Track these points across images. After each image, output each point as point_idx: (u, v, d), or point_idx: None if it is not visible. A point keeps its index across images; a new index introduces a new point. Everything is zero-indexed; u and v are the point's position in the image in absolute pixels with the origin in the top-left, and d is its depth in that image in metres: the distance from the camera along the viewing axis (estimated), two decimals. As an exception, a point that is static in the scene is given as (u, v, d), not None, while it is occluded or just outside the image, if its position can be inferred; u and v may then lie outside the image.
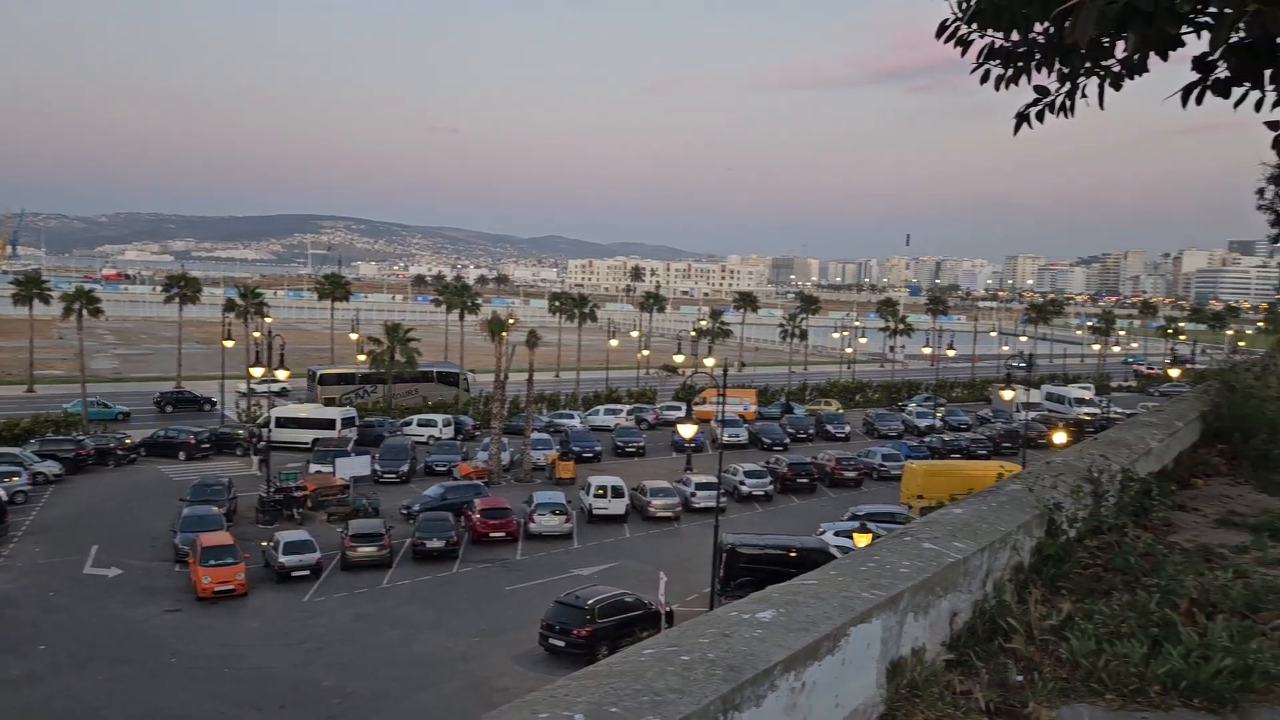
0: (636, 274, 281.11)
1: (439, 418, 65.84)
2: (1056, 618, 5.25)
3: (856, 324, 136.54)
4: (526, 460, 53.90)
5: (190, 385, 78.39)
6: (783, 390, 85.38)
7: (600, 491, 44.69)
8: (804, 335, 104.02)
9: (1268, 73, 10.57)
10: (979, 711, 4.34)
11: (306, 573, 35.38)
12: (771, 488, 49.66)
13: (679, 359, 72.32)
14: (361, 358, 76.16)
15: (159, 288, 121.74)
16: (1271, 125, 11.48)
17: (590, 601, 28.86)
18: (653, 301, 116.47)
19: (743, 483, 48.95)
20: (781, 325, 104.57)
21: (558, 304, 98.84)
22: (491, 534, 40.31)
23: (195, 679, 26.80)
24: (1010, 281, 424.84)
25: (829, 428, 68.07)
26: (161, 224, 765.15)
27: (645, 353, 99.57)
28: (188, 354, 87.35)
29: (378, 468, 51.48)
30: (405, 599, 34.02)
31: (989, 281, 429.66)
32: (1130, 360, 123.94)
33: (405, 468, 52.29)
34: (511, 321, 68.44)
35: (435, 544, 37.93)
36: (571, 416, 70.38)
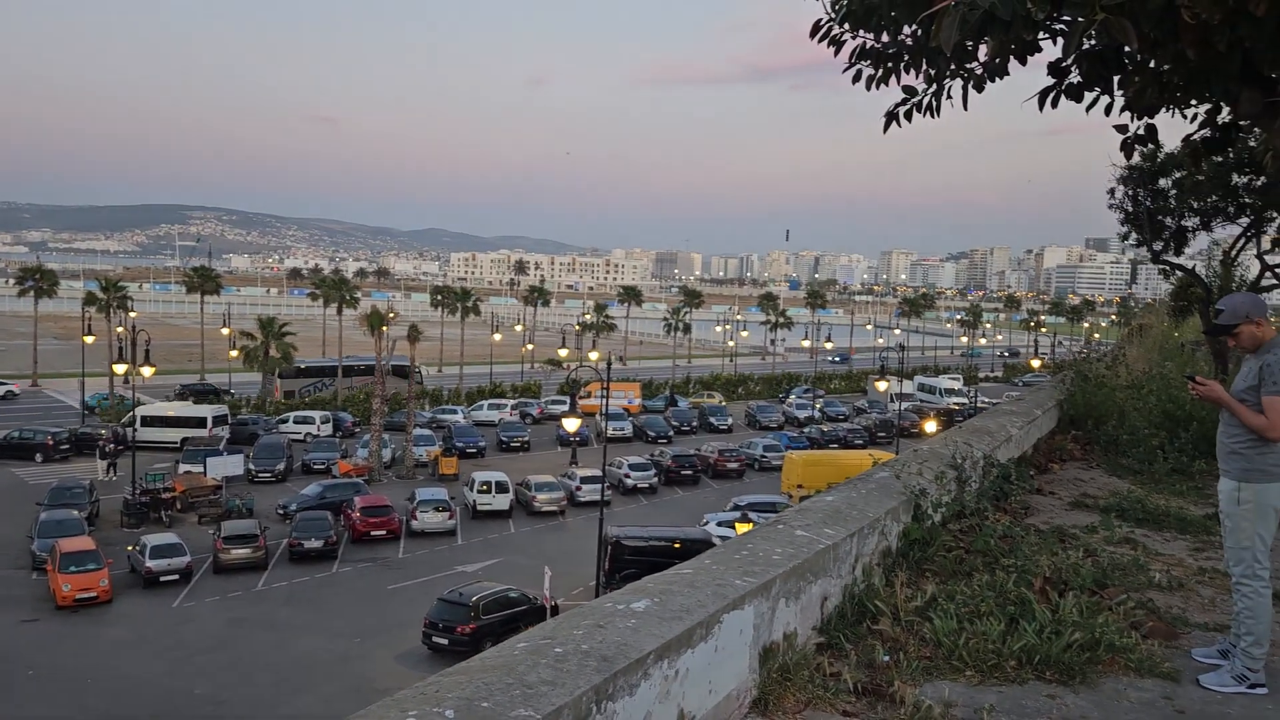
0: (520, 268, 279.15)
1: (317, 414, 64.16)
2: (921, 599, 5.46)
3: (738, 318, 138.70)
4: (408, 456, 53.01)
5: (48, 383, 74.38)
6: (667, 383, 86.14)
7: (484, 487, 44.28)
8: (687, 329, 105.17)
9: (1116, 79, 11.15)
10: (848, 692, 4.49)
11: (175, 577, 34.01)
12: (656, 480, 50.08)
13: (563, 353, 72.19)
14: (234, 353, 73.78)
15: (11, 280, 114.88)
16: (1120, 129, 12.06)
17: (474, 598, 28.61)
18: (537, 295, 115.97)
19: (627, 476, 49.23)
20: (665, 319, 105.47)
21: (440, 298, 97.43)
22: (372, 532, 39.51)
23: (55, 692, 25.47)
24: (885, 276, 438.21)
25: (712, 420, 69.01)
26: (15, 213, 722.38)
27: (530, 347, 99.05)
28: (45, 350, 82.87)
29: (252, 467, 49.82)
30: (282, 601, 33.07)
31: (865, 276, 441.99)
32: (970, 353, 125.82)
33: (281, 466, 50.75)
34: (392, 316, 67.15)
35: (313, 544, 36.96)
36: (455, 412, 69.51)
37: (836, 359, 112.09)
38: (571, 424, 43.06)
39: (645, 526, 37.03)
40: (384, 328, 58.12)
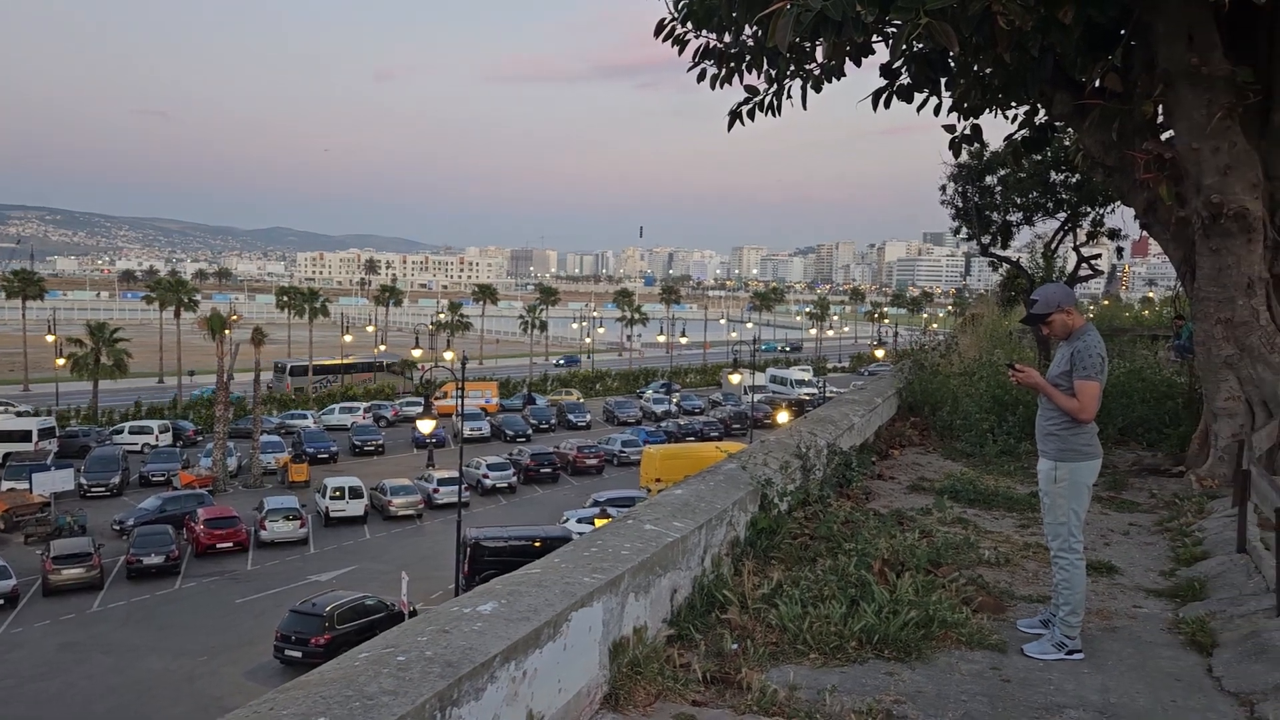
0: (371, 267, 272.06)
1: (155, 424, 60.98)
2: (768, 586, 5.60)
3: (595, 314, 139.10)
4: (255, 464, 50.98)
5: None
6: (524, 381, 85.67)
7: (337, 493, 43.04)
8: (544, 326, 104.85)
9: (943, 81, 11.58)
10: (697, 682, 4.56)
11: (0, 602, 31.78)
12: (515, 479, 49.75)
13: (417, 353, 70.85)
14: (61, 362, 69.79)
15: None
16: (948, 128, 12.54)
17: (328, 608, 27.78)
18: (389, 295, 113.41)
19: (486, 476, 48.74)
20: (522, 317, 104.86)
21: (286, 299, 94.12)
22: (218, 545, 37.84)
23: None
24: (737, 271, 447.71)
25: (570, 417, 69.02)
26: None
27: (382, 347, 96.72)
28: None
29: (84, 481, 46.95)
30: (120, 622, 31.30)
31: (718, 271, 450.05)
32: (768, 348, 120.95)
33: (116, 479, 47.98)
34: (234, 318, 64.33)
35: (153, 560, 35.12)
36: (305, 416, 67.28)
37: (776, 347, 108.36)
38: (426, 425, 42.30)
39: (505, 527, 36.73)
40: (226, 331, 55.70)
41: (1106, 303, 59.08)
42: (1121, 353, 16.87)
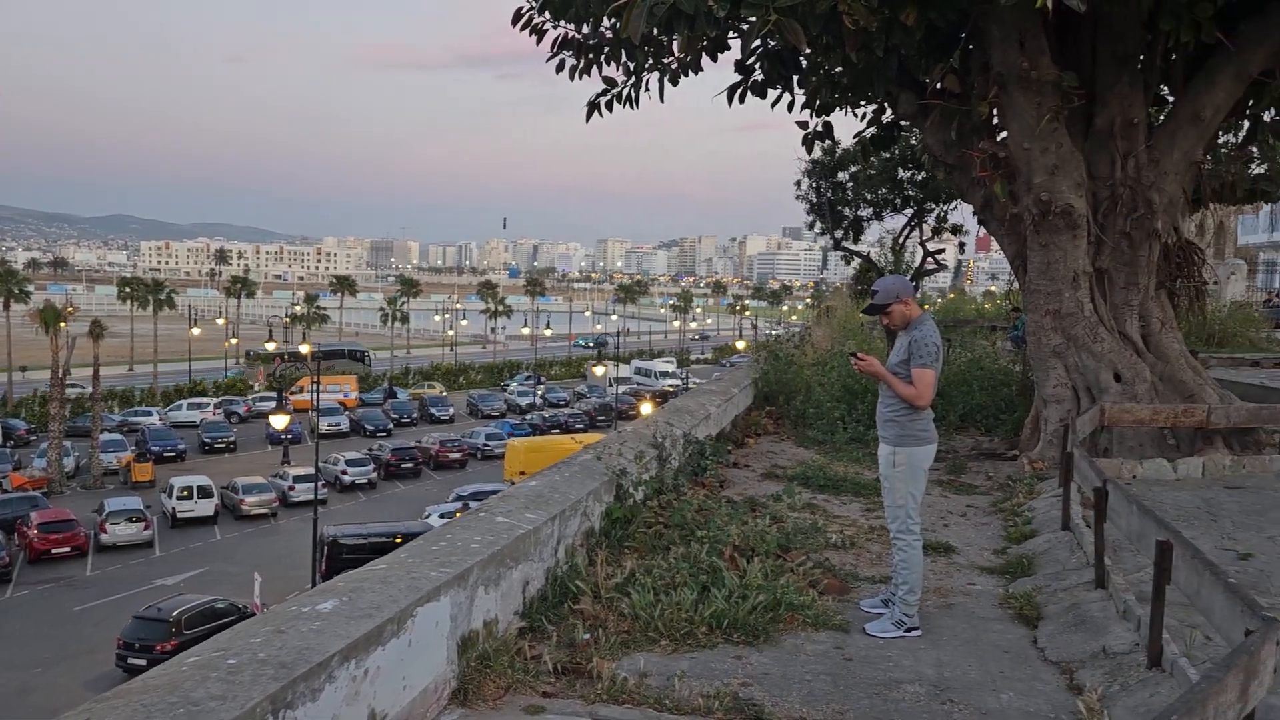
0: (222, 257, 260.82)
1: (-20, 423, 57.05)
2: (621, 575, 5.63)
3: (458, 306, 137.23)
4: (95, 464, 48.27)
5: None
6: (385, 375, 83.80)
7: (184, 493, 41.16)
8: (405, 319, 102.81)
9: (795, 78, 11.83)
10: (548, 673, 4.55)
11: None
12: (375, 475, 48.63)
13: (271, 346, 68.37)
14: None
15: None
16: (801, 125, 12.81)
17: (175, 613, 26.57)
18: (241, 286, 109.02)
19: (344, 472, 47.48)
20: (382, 309, 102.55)
21: (129, 290, 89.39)
22: (53, 550, 35.66)
23: None
24: (602, 264, 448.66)
25: (433, 411, 67.88)
26: None
27: (234, 341, 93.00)
28: None
29: (-101, 486, 43.57)
30: (-58, 636, 29.17)
31: (583, 264, 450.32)
32: (581, 343, 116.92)
33: (-65, 484, 44.70)
34: (70, 310, 60.74)
35: (-20, 568, 32.88)
36: (150, 413, 64.05)
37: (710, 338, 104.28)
38: (280, 421, 40.90)
39: (364, 524, 35.87)
40: (61, 324, 52.51)
41: (952, 296, 61.72)
42: (963, 344, 17.67)
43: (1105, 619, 5.23)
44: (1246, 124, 11.24)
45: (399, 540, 29.87)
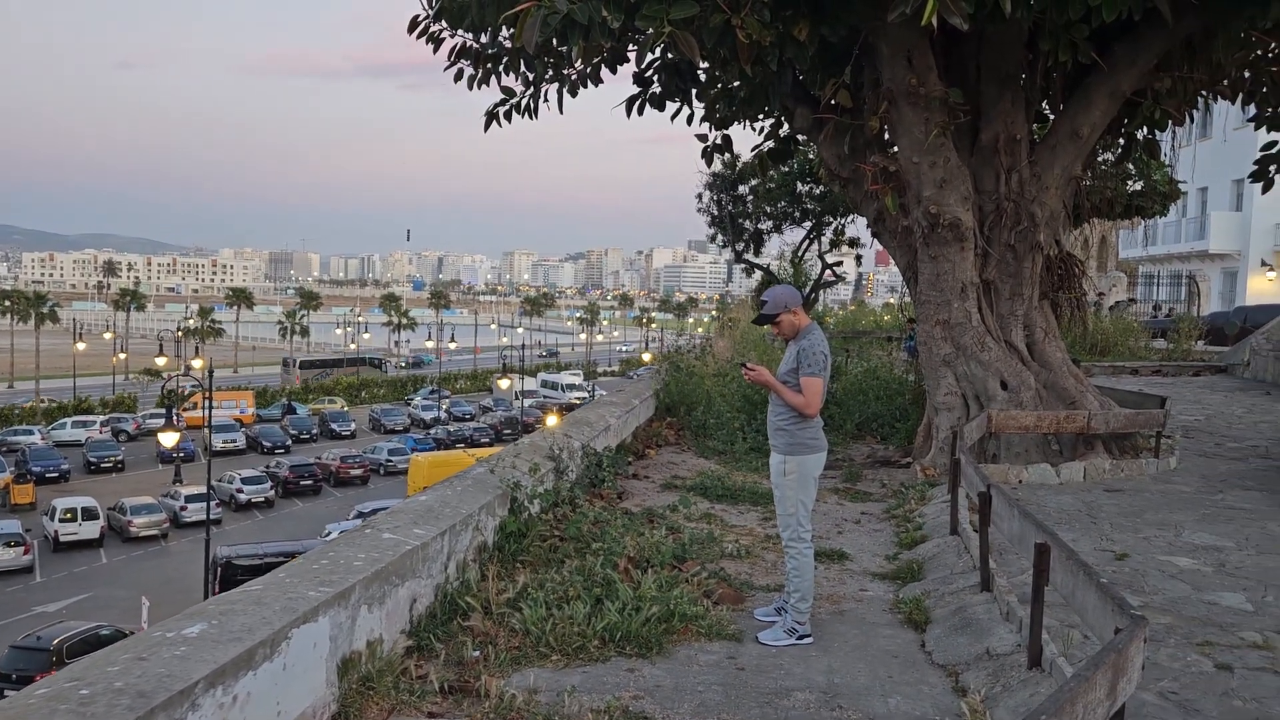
0: (110, 269, 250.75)
1: None
2: (513, 590, 5.54)
3: (360, 319, 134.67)
4: (-31, 487, 45.84)
5: None
6: (283, 390, 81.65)
7: (67, 514, 39.28)
8: (305, 332, 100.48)
9: (694, 91, 11.87)
10: (434, 693, 4.43)
11: None
12: (273, 493, 47.26)
13: (162, 361, 65.90)
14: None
15: None
16: (701, 138, 12.84)
17: (56, 641, 25.28)
18: (130, 299, 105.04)
19: (240, 490, 46.02)
20: (281, 322, 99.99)
21: (9, 303, 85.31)
22: (-78, 579, 33.72)
23: None
24: (508, 276, 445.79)
25: (334, 426, 66.33)
26: None
27: (122, 356, 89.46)
28: None
29: None
30: None
31: (489, 276, 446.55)
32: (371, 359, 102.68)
33: None
34: (-56, 325, 57.59)
35: None
36: (31, 432, 61.12)
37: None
38: (169, 439, 39.42)
39: (260, 543, 34.79)
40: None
41: (853, 307, 63.04)
42: (861, 354, 18.03)
43: (990, 621, 5.34)
44: (1122, 142, 11.74)
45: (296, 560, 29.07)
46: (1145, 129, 11.34)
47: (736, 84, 11.22)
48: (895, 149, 10.30)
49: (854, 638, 5.51)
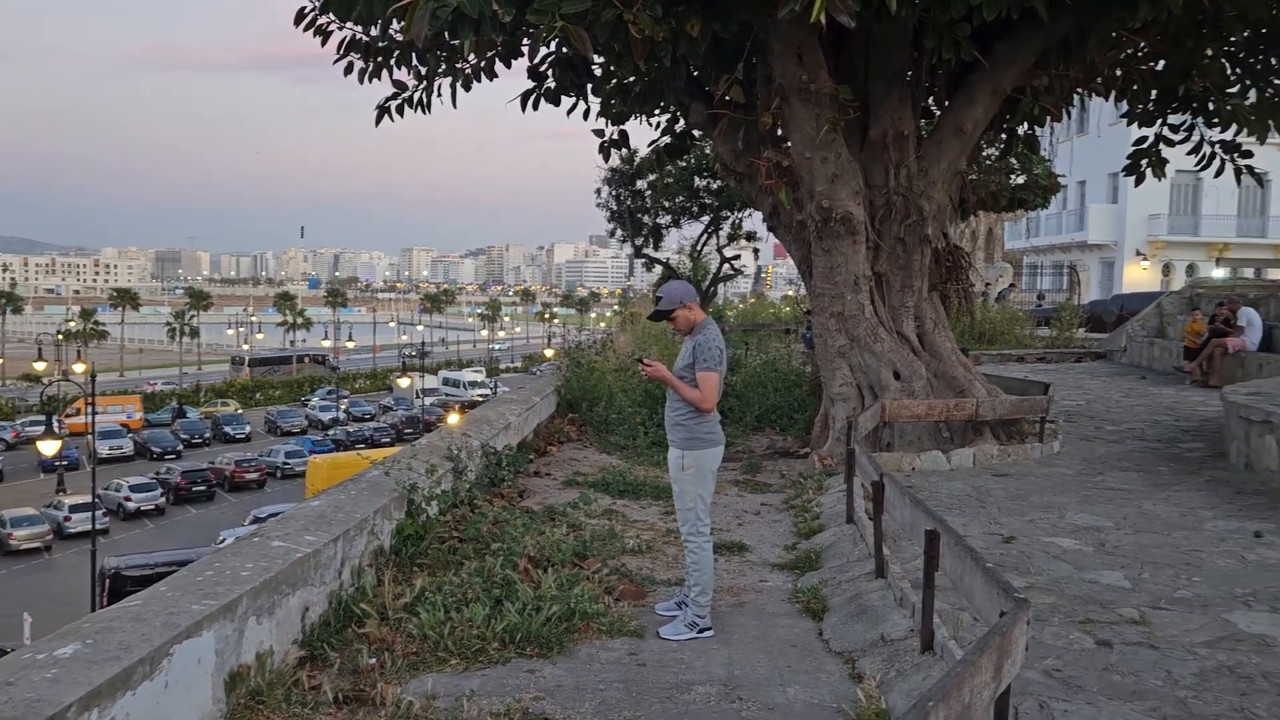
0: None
1: None
2: (410, 595, 5.44)
3: (253, 319, 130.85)
4: None
5: None
6: (173, 393, 78.86)
7: (-60, 530, 37.32)
8: (195, 333, 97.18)
9: (589, 86, 11.81)
10: (328, 704, 4.32)
11: None
12: (164, 500, 45.63)
13: (41, 366, 62.91)
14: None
15: None
16: (598, 133, 12.79)
17: (-72, 664, 23.99)
18: (6, 301, 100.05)
19: (128, 498, 44.29)
20: (169, 324, 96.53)
21: None
22: None
23: None
24: (407, 273, 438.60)
25: (227, 429, 64.37)
26: None
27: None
28: None
29: None
30: None
31: (387, 273, 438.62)
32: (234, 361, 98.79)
33: None
34: None
35: None
36: (-104, 444, 57.84)
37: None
38: (50, 447, 37.64)
39: (151, 552, 33.54)
40: None
41: (753, 301, 63.90)
42: (760, 346, 18.27)
43: (884, 607, 5.46)
44: (1004, 137, 12.13)
45: (190, 569, 28.12)
46: (1025, 125, 11.76)
47: (631, 79, 11.24)
48: (788, 144, 10.45)
49: (754, 629, 5.57)
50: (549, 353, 79.40)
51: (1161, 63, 11.36)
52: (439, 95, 11.55)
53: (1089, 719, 4.12)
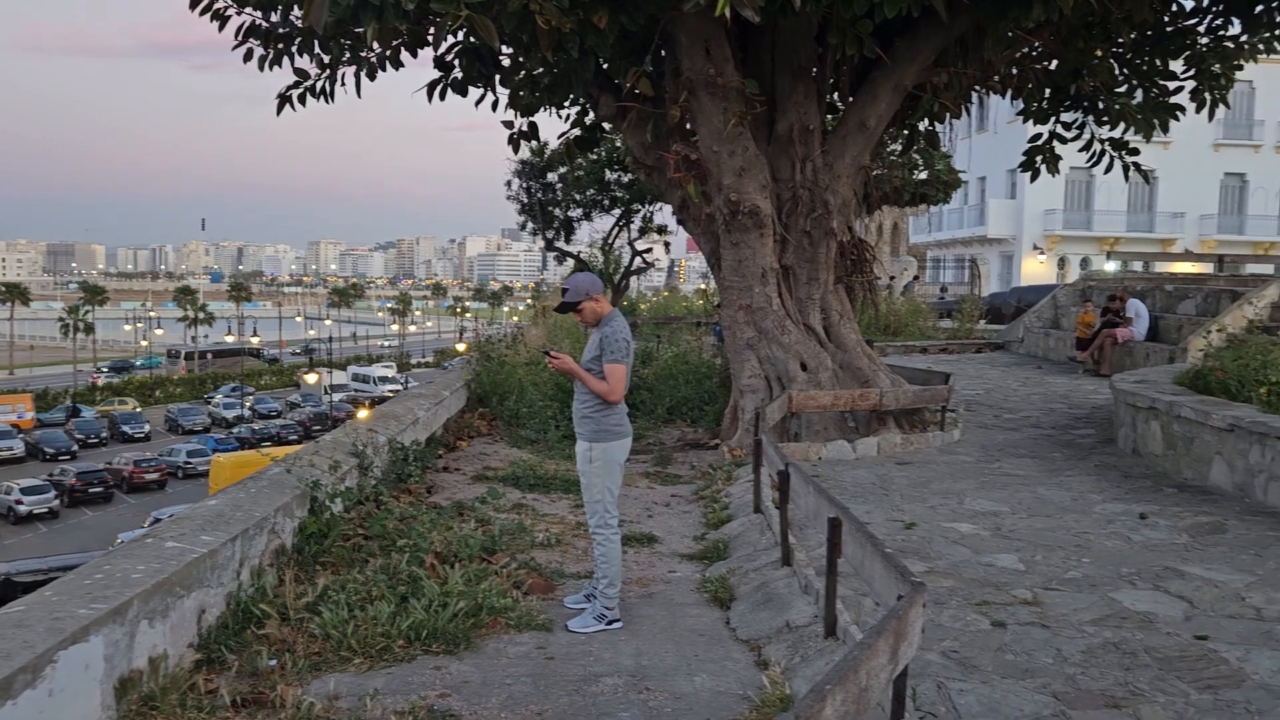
0: None
1: None
2: (313, 593, 5.33)
3: (152, 314, 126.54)
4: None
5: None
6: (68, 392, 75.86)
7: None
8: (90, 329, 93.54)
9: (498, 77, 11.70)
10: (225, 707, 4.21)
11: None
12: (57, 502, 43.88)
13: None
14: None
15: None
16: (507, 124, 12.69)
17: None
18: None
19: (19, 501, 42.50)
20: (62, 319, 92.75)
21: None
22: None
23: None
24: (314, 267, 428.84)
25: (126, 429, 62.22)
26: None
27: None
28: None
29: None
30: None
31: (293, 267, 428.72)
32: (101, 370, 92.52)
33: None
34: None
35: None
36: None
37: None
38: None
39: (44, 557, 32.30)
40: None
41: (666, 294, 64.24)
42: (672, 339, 18.38)
43: (790, 595, 5.55)
44: (906, 133, 12.41)
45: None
46: (926, 121, 12.04)
47: (540, 71, 11.17)
48: (696, 138, 10.52)
49: (662, 619, 5.60)
50: (461, 347, 78.63)
51: (1054, 62, 11.75)
52: (343, 84, 11.32)
53: (983, 698, 4.26)
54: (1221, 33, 11.01)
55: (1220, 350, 11.59)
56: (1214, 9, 10.59)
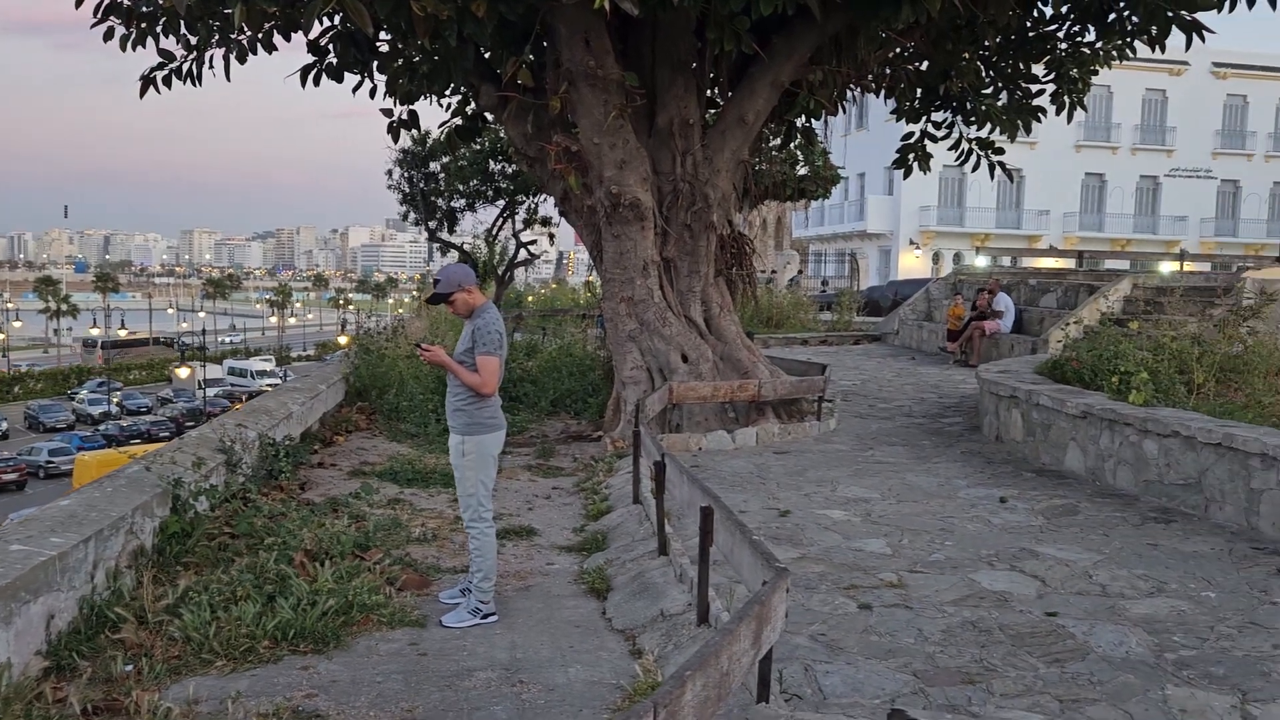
0: None
1: None
2: (173, 595, 5.13)
3: (10, 306, 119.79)
4: None
5: None
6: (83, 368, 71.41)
7: None
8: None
9: (376, 63, 11.43)
10: (75, 715, 4.02)
11: None
12: (-98, 507, 41.21)
13: None
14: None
15: None
16: (386, 112, 12.41)
17: None
18: None
19: None
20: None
21: None
22: None
23: None
24: (188, 257, 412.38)
25: (-21, 427, 58.79)
26: None
27: None
28: None
29: None
30: None
31: (165, 256, 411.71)
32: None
33: None
34: None
35: None
36: None
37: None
38: None
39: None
40: None
41: (554, 286, 64.02)
42: (557, 331, 18.33)
43: (665, 584, 5.60)
44: (784, 129, 12.65)
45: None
46: (803, 117, 12.29)
47: (418, 58, 10.97)
48: (577, 130, 10.50)
49: (538, 612, 5.59)
50: (343, 340, 76.78)
51: (925, 63, 12.14)
52: (210, 67, 10.92)
53: (848, 678, 4.38)
54: (1079, 39, 11.54)
55: (1077, 341, 12.19)
56: (1071, 16, 11.10)
